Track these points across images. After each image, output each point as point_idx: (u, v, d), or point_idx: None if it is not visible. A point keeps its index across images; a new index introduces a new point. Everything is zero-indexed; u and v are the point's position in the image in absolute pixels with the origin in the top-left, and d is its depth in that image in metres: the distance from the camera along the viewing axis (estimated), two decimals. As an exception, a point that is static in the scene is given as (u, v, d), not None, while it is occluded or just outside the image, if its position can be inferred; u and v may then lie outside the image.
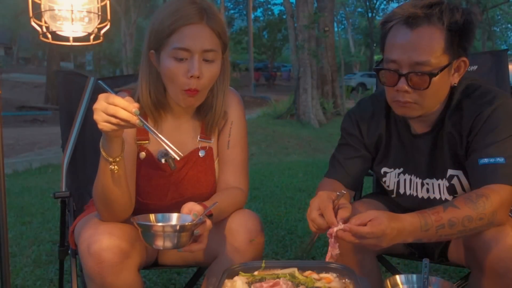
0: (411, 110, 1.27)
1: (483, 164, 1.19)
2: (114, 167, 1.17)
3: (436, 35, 1.20)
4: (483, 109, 1.24)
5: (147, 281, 2.36)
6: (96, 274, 1.19)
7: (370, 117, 1.45)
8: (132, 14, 22.93)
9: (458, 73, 1.29)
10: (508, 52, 1.91)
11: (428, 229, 1.11)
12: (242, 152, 1.48)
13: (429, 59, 1.19)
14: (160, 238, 1.10)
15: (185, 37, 1.26)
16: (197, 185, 1.44)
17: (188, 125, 1.46)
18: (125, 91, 1.43)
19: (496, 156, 1.18)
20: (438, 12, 1.20)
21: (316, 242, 1.28)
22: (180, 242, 1.11)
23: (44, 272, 2.48)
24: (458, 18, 1.21)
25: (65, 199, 1.64)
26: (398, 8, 1.26)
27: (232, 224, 1.34)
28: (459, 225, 1.11)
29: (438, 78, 1.22)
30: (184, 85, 1.28)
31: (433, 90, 1.23)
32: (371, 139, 1.46)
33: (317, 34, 12.69)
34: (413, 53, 1.20)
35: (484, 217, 1.12)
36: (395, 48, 1.23)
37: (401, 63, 1.22)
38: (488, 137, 1.22)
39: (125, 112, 1.05)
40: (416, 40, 1.20)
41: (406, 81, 1.22)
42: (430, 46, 1.20)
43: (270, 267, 1.16)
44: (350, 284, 1.08)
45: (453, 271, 2.39)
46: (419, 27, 1.20)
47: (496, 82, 1.82)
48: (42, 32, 1.61)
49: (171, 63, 1.27)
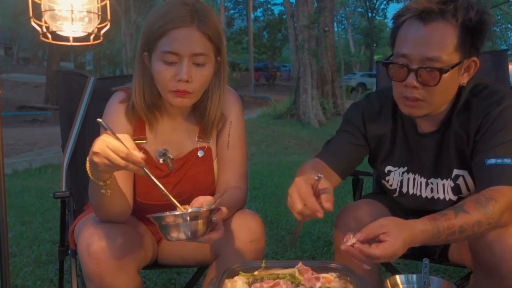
0: (418, 108, 1.25)
1: (490, 165, 1.17)
2: (107, 191, 1.15)
3: (449, 32, 1.18)
4: (491, 109, 1.22)
5: (147, 281, 2.36)
6: (95, 275, 1.19)
7: (378, 113, 1.43)
8: (132, 14, 22.94)
9: (468, 73, 1.26)
10: (508, 52, 1.91)
11: (439, 236, 1.08)
12: (241, 152, 1.48)
13: (440, 55, 1.17)
14: (176, 229, 1.07)
15: (174, 41, 1.24)
16: (196, 185, 1.43)
17: (185, 125, 1.45)
18: (122, 91, 1.43)
19: (503, 157, 1.16)
20: (453, 9, 1.18)
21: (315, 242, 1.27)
22: (198, 230, 1.08)
23: (44, 272, 2.48)
24: (473, 16, 1.18)
25: (65, 199, 1.64)
26: (412, 3, 1.23)
27: (233, 224, 1.34)
28: (469, 231, 1.09)
29: (448, 76, 1.19)
30: (171, 87, 1.27)
31: (442, 88, 1.21)
32: (374, 135, 1.44)
33: (317, 34, 12.68)
34: (425, 48, 1.18)
35: (493, 221, 1.11)
36: (407, 42, 1.21)
37: (412, 57, 1.20)
38: (496, 137, 1.20)
39: (133, 166, 1.04)
40: (429, 35, 1.18)
41: (416, 77, 1.20)
42: (443, 42, 1.18)
43: (270, 267, 1.16)
44: (350, 284, 1.08)
45: (453, 271, 2.39)
46: (433, 22, 1.18)
47: (496, 82, 1.82)
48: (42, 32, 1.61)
49: (160, 66, 1.26)
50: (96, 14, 1.64)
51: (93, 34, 1.67)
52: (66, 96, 1.87)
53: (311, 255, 2.70)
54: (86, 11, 1.61)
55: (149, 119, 1.40)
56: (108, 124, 1.39)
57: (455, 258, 1.42)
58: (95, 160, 1.04)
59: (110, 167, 1.04)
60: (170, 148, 1.43)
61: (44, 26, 1.60)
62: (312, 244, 2.85)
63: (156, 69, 1.27)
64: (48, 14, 1.58)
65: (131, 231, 1.32)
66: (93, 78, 1.87)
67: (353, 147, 1.44)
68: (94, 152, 1.03)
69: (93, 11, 1.63)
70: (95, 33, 1.67)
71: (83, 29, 1.63)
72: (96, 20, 1.66)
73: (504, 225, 1.14)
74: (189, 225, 1.07)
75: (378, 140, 1.44)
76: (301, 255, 2.70)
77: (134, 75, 1.37)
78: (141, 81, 1.35)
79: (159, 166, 1.41)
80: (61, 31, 1.61)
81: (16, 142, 9.67)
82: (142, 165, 1.04)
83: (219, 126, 1.46)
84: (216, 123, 1.43)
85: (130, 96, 1.39)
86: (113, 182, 1.16)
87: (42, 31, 1.60)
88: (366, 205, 1.44)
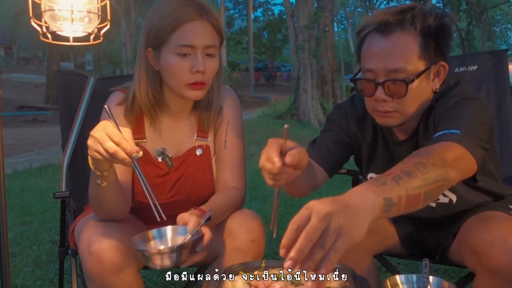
0: (392, 119, 1.24)
1: (437, 136, 1.11)
2: (102, 182, 1.16)
3: (410, 41, 1.18)
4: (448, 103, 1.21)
5: (147, 281, 2.36)
6: (96, 274, 1.19)
7: (361, 117, 1.42)
8: (132, 14, 22.95)
9: (438, 78, 1.25)
10: (508, 52, 1.91)
11: (385, 182, 0.89)
12: (239, 151, 1.49)
13: (404, 65, 1.17)
14: (158, 260, 1.08)
15: (188, 34, 1.27)
16: (195, 183, 1.44)
17: (184, 124, 1.46)
18: (120, 90, 1.44)
19: (452, 129, 1.10)
20: (410, 18, 1.18)
21: None
22: (181, 259, 1.10)
23: (44, 272, 2.48)
24: (431, 22, 1.18)
25: (65, 199, 1.64)
26: (371, 16, 1.24)
27: (233, 224, 1.34)
28: (417, 172, 0.94)
29: (416, 85, 1.19)
30: (187, 80, 1.30)
31: (412, 97, 1.20)
32: (356, 137, 1.42)
33: (317, 34, 12.69)
34: (388, 60, 1.18)
35: (436, 162, 0.97)
36: (370, 56, 1.21)
37: (377, 71, 1.20)
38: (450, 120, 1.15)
39: (123, 155, 1.04)
40: (390, 46, 1.18)
41: (384, 90, 1.20)
42: (404, 52, 1.17)
43: (270, 267, 1.16)
44: (350, 284, 1.08)
45: (453, 271, 2.39)
46: (393, 33, 1.18)
47: (496, 82, 1.82)
48: (42, 32, 1.61)
49: (174, 59, 1.28)
50: (96, 14, 1.64)
51: (93, 34, 1.67)
52: (66, 96, 1.88)
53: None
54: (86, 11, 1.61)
55: (152, 116, 1.41)
56: None
57: (455, 258, 1.41)
58: (88, 143, 1.06)
59: (100, 153, 1.05)
60: (169, 146, 1.44)
61: (44, 26, 1.60)
62: (312, 244, 2.85)
63: (171, 63, 1.29)
64: (48, 14, 1.58)
65: (131, 230, 1.32)
66: (93, 78, 1.87)
67: (338, 144, 1.42)
68: (90, 135, 1.06)
69: (93, 11, 1.63)
70: (95, 33, 1.67)
71: (83, 29, 1.63)
72: (96, 20, 1.66)
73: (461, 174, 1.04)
74: (172, 256, 1.08)
75: (360, 144, 1.43)
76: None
77: (137, 71, 1.38)
78: (145, 78, 1.36)
79: (158, 165, 1.41)
80: (61, 31, 1.61)
81: (16, 142, 9.67)
82: (134, 156, 1.05)
83: (218, 123, 1.47)
84: (216, 115, 1.45)
85: (128, 95, 1.40)
86: (111, 174, 1.17)
87: (42, 31, 1.60)
88: None
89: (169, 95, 1.39)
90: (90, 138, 1.06)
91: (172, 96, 1.39)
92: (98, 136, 1.04)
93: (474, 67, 1.83)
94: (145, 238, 1.17)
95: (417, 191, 0.92)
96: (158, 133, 1.44)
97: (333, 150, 1.41)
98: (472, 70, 1.83)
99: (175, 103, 1.41)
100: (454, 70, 1.84)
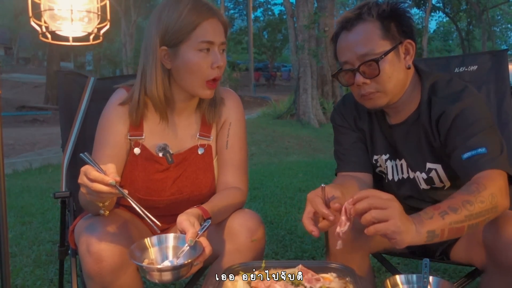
0: (377, 99, 1.36)
1: (467, 158, 1.21)
2: (105, 212, 1.27)
3: (370, 27, 1.32)
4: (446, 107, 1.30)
5: (147, 281, 2.36)
6: (96, 274, 1.19)
7: (355, 111, 1.53)
8: (132, 14, 22.95)
9: (409, 56, 1.36)
10: (508, 52, 1.91)
11: (431, 216, 1.04)
12: (240, 152, 1.49)
13: (371, 48, 1.31)
14: (157, 276, 1.08)
15: (209, 30, 1.34)
16: (196, 182, 1.45)
17: (188, 122, 1.47)
18: (123, 88, 1.46)
19: (477, 148, 1.21)
20: (367, 9, 1.34)
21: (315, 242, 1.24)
22: (179, 276, 1.10)
23: (44, 272, 2.48)
24: (385, 8, 1.33)
25: (65, 199, 1.64)
26: (336, 21, 1.42)
27: (233, 224, 1.34)
28: (462, 209, 1.06)
29: (388, 63, 1.31)
30: (208, 75, 1.35)
31: (387, 75, 1.32)
32: (359, 129, 1.54)
33: (317, 34, 12.69)
34: (357, 48, 1.32)
35: (484, 200, 1.09)
36: (343, 50, 1.37)
37: (351, 61, 1.34)
38: (466, 132, 1.25)
39: (104, 187, 1.08)
40: (355, 36, 1.33)
41: (361, 74, 1.33)
42: (368, 37, 1.32)
43: (270, 267, 1.16)
44: (350, 284, 1.08)
45: (453, 271, 2.40)
46: (355, 26, 1.34)
47: (496, 82, 1.82)
48: (42, 32, 1.61)
49: (196, 55, 1.33)
50: (96, 14, 1.64)
51: (92, 34, 1.67)
52: (66, 96, 1.87)
53: (311, 255, 2.70)
54: (86, 11, 1.61)
55: (161, 113, 1.43)
56: (106, 126, 1.41)
57: (460, 257, 1.41)
58: (82, 191, 1.14)
59: (90, 194, 1.12)
60: (171, 143, 1.45)
61: (43, 26, 1.60)
62: (312, 244, 2.85)
63: (192, 59, 1.33)
64: (48, 14, 1.58)
65: (131, 230, 1.33)
66: (93, 78, 1.87)
67: (354, 142, 1.53)
68: (79, 183, 1.12)
69: (92, 11, 1.63)
70: (94, 33, 1.67)
71: (82, 29, 1.62)
72: (96, 20, 1.65)
73: (505, 207, 1.14)
74: (172, 273, 1.08)
75: (364, 133, 1.54)
76: (301, 255, 2.70)
77: (148, 69, 1.38)
78: (161, 75, 1.38)
79: (159, 160, 1.43)
80: (60, 31, 1.60)
81: (16, 142, 9.67)
82: (111, 182, 1.08)
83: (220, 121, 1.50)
84: (218, 108, 1.49)
85: (133, 94, 1.41)
86: (111, 203, 1.28)
87: (42, 31, 1.60)
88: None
89: (176, 93, 1.41)
90: (80, 186, 1.12)
91: (179, 94, 1.41)
92: (81, 182, 1.10)
93: (474, 67, 1.83)
94: (143, 247, 1.14)
95: (460, 224, 1.07)
96: (161, 130, 1.45)
97: (355, 150, 1.52)
98: (472, 70, 1.83)
99: (181, 101, 1.43)
100: (454, 70, 1.84)
